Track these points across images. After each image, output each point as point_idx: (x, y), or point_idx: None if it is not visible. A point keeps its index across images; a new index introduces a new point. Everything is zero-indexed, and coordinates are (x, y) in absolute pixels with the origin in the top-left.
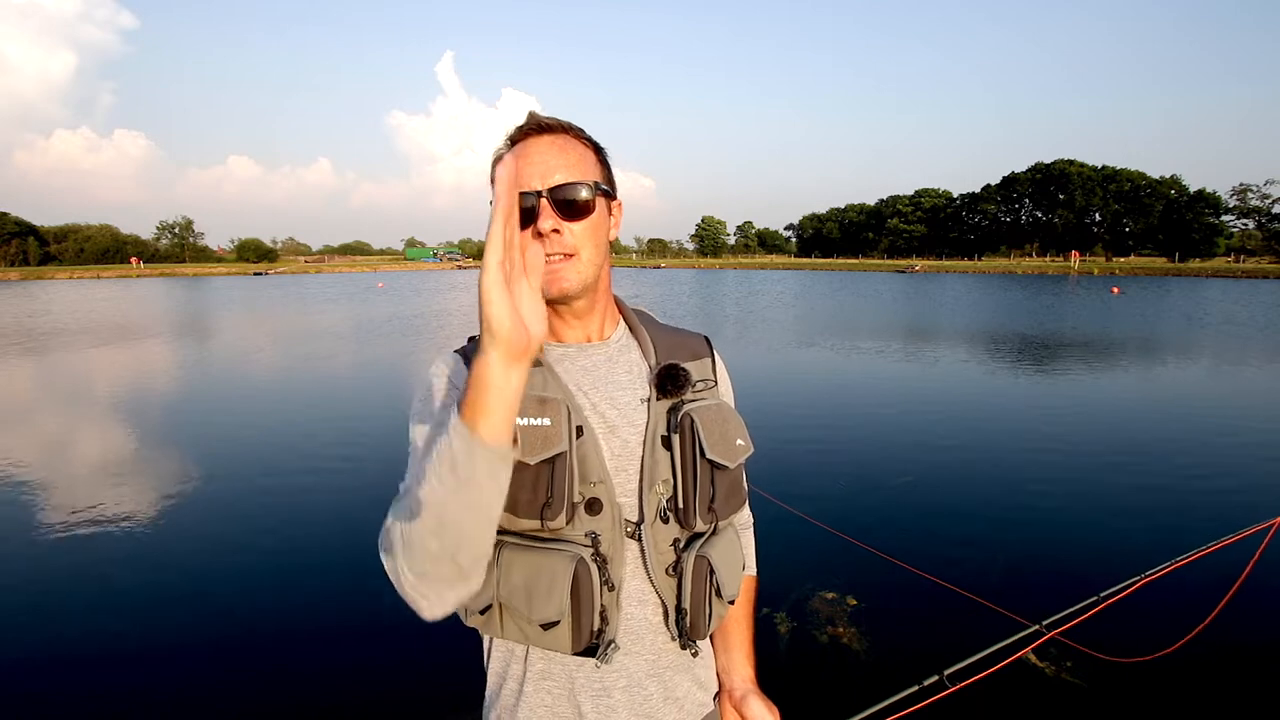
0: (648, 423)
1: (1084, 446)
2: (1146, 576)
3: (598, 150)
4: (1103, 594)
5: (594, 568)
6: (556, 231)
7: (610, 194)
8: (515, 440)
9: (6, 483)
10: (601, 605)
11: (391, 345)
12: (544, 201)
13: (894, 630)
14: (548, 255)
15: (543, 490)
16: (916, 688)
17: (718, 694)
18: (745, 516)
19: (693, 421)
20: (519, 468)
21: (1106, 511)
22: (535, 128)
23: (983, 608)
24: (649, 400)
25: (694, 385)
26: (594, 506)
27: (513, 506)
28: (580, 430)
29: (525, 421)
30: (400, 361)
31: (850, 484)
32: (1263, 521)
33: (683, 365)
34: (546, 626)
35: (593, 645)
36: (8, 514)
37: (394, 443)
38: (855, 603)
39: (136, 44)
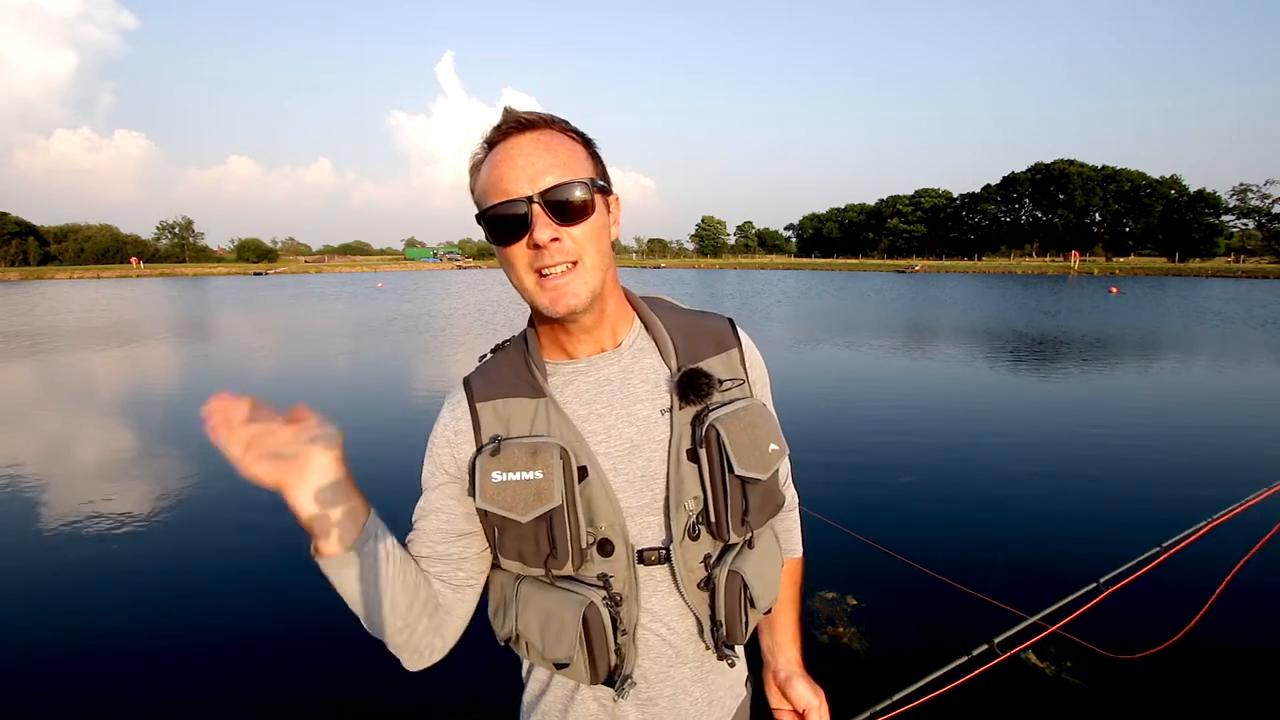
0: (671, 437)
1: (1083, 440)
2: (1151, 563)
3: (587, 143)
4: (1101, 581)
5: (604, 612)
6: (555, 240)
7: (606, 189)
8: (352, 546)
9: (12, 480)
10: (616, 645)
11: (394, 345)
12: (536, 207)
13: (912, 625)
14: (548, 267)
15: (544, 542)
16: (965, 658)
17: (747, 679)
18: (789, 498)
19: (719, 434)
20: (515, 525)
21: (1107, 501)
22: (515, 125)
23: (987, 604)
24: (671, 410)
25: (720, 386)
26: (605, 548)
27: (520, 556)
28: (584, 471)
29: (517, 476)
30: (403, 362)
31: (856, 480)
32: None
33: (704, 369)
34: (559, 665)
35: (610, 679)
36: (11, 512)
37: (398, 442)
38: (855, 601)
39: (136, 44)
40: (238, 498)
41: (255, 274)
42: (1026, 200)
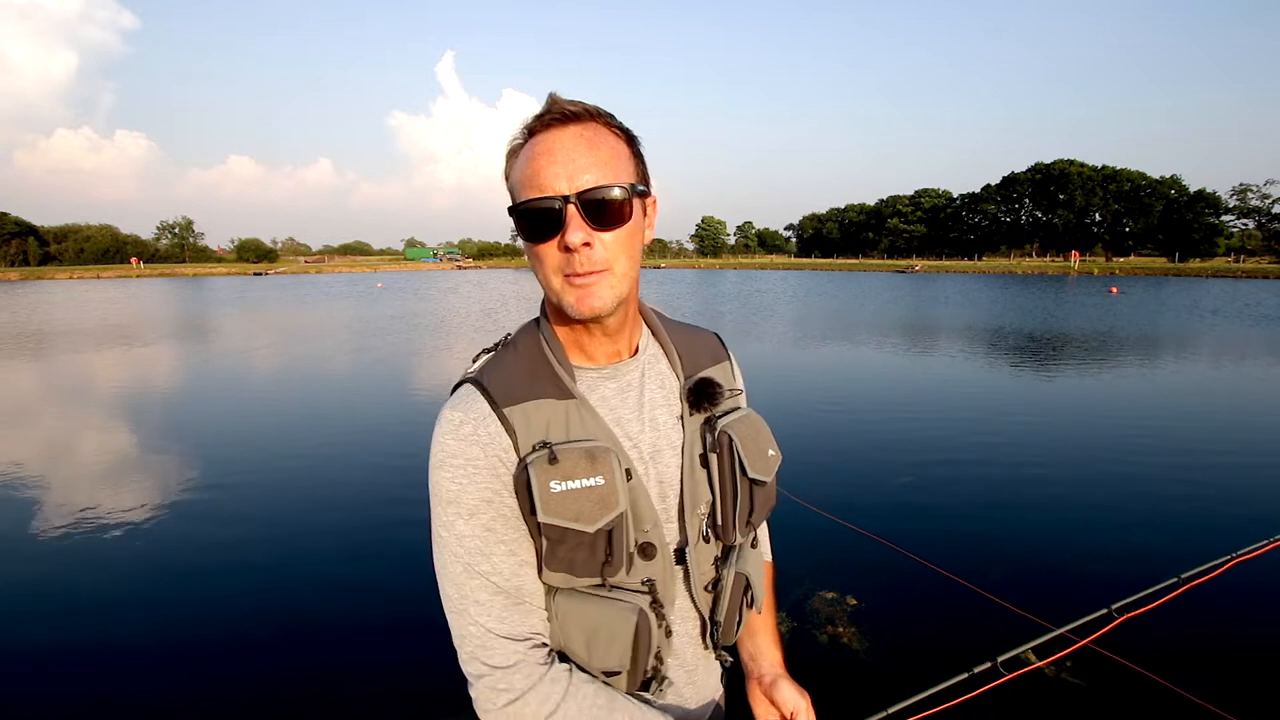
0: (684, 443)
1: (1099, 447)
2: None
3: (630, 140)
4: (1114, 608)
5: (653, 616)
6: (587, 244)
7: (645, 192)
8: None
9: (12, 480)
10: (657, 648)
11: (397, 344)
12: (572, 209)
13: (917, 625)
14: (576, 273)
15: (601, 550)
16: (966, 674)
17: (722, 675)
18: None
19: (731, 440)
20: (577, 536)
21: (1126, 517)
22: (560, 116)
23: (1009, 612)
24: (683, 417)
25: (724, 396)
26: (648, 551)
27: (570, 566)
28: (629, 474)
29: (578, 484)
30: (404, 360)
31: (860, 477)
32: None
33: (713, 377)
34: (608, 674)
35: (646, 681)
36: (11, 511)
37: (400, 440)
38: (856, 602)
39: (137, 44)
40: (238, 498)
41: (255, 274)
42: (1026, 200)
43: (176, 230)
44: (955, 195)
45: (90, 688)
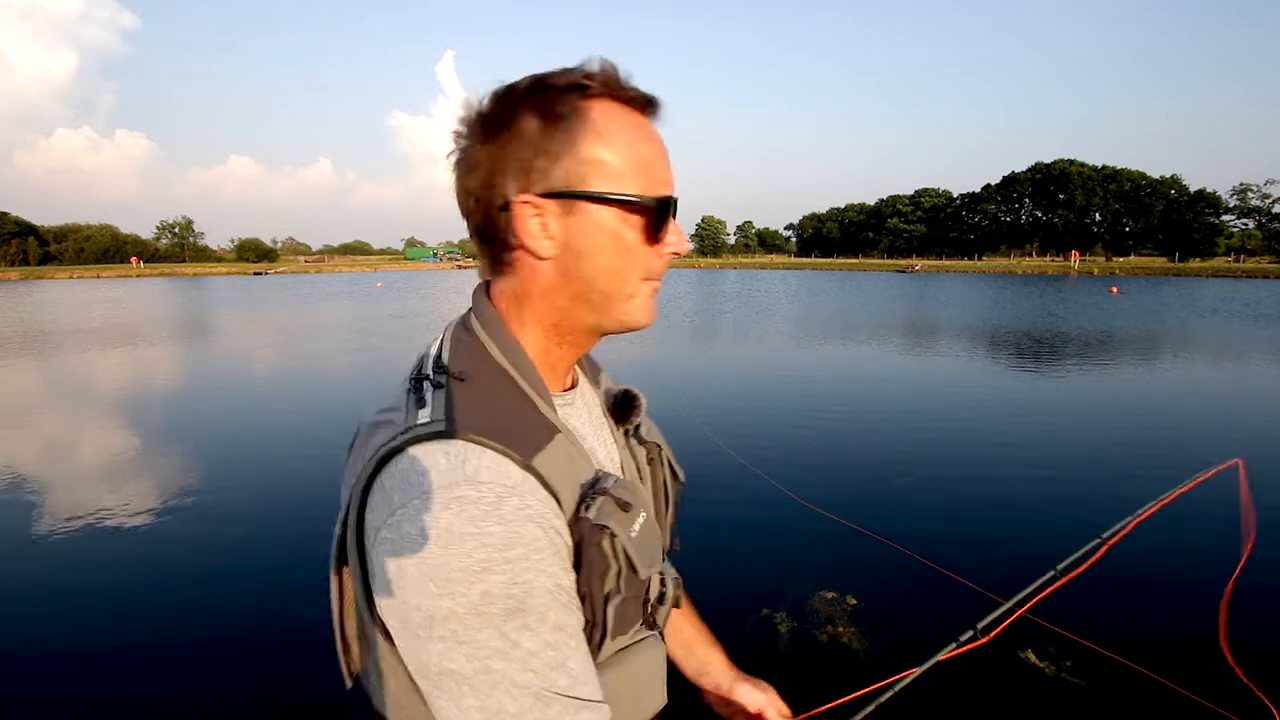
0: (621, 460)
1: (1091, 442)
2: (1106, 543)
3: None
4: (1059, 568)
5: (665, 642)
6: (676, 254)
7: None
8: None
9: (14, 479)
10: None
11: (398, 344)
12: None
13: (919, 623)
14: (658, 280)
15: (646, 588)
16: (955, 645)
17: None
18: None
19: (660, 449)
20: (644, 584)
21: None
22: (649, 103)
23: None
24: (612, 432)
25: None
26: None
27: (625, 621)
28: None
29: (639, 525)
30: (406, 360)
31: (870, 478)
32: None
33: (629, 389)
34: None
35: None
36: (12, 511)
37: None
38: (856, 601)
39: (137, 44)
40: (240, 498)
41: (255, 274)
42: (1026, 200)
43: (176, 230)
44: (955, 195)
45: (90, 688)
